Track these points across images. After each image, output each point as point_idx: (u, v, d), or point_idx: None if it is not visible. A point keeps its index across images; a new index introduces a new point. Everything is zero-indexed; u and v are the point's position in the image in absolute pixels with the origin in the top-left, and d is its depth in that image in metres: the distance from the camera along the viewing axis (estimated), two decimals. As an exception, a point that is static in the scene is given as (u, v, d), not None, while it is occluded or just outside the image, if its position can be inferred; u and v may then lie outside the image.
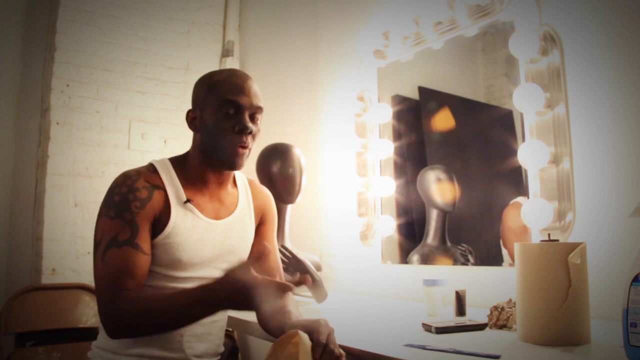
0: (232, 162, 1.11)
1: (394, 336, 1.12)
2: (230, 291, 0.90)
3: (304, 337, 0.90)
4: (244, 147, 1.11)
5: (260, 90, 1.15)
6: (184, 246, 1.09)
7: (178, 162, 1.16)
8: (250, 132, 1.10)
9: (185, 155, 1.18)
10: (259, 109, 1.13)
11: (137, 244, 1.02)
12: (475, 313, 1.30)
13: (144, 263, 1.03)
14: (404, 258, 1.84)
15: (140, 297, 0.98)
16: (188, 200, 1.11)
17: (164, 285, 1.07)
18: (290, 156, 1.72)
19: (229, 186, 1.22)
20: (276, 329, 1.09)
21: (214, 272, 1.15)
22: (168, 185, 1.10)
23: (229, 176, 1.20)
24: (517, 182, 1.48)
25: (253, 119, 1.12)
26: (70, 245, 2.29)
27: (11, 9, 2.53)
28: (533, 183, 1.40)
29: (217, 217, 1.16)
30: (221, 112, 1.09)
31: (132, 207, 1.04)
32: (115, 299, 0.97)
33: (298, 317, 1.09)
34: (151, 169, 1.12)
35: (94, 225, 1.07)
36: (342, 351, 0.94)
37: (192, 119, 1.15)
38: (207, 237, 1.13)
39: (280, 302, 1.16)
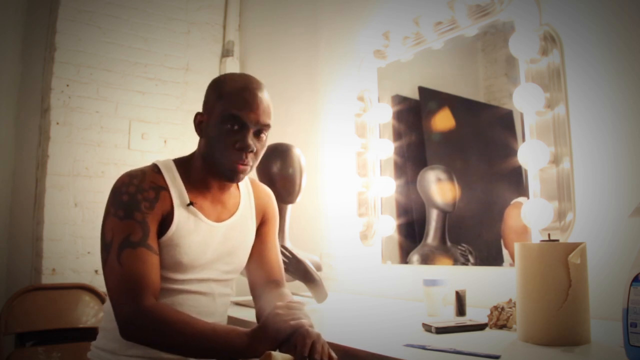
0: (231, 177, 1.10)
1: (394, 336, 1.12)
2: (260, 346, 0.91)
3: (278, 357, 0.88)
4: (244, 165, 1.08)
5: (271, 104, 1.11)
6: (185, 249, 1.08)
7: (182, 164, 1.15)
8: (252, 151, 1.08)
9: (190, 158, 1.17)
10: (265, 127, 1.09)
11: (150, 245, 1.02)
12: (475, 313, 1.30)
13: (158, 265, 1.03)
14: (404, 258, 1.84)
15: (165, 317, 0.96)
16: (191, 203, 1.10)
17: (162, 287, 1.06)
18: (290, 156, 1.72)
19: (232, 188, 1.21)
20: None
21: (214, 273, 1.15)
22: (172, 187, 1.09)
23: None
24: (517, 182, 1.48)
25: (258, 135, 1.10)
26: (70, 245, 2.29)
27: (11, 9, 2.53)
28: (533, 183, 1.40)
29: (218, 220, 1.15)
30: (225, 126, 1.07)
31: (142, 207, 1.03)
32: (139, 309, 0.96)
33: None
34: (155, 169, 1.11)
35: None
36: (333, 355, 0.91)
37: (200, 122, 1.13)
38: (209, 240, 1.13)
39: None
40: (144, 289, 0.98)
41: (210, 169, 1.13)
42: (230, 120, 1.07)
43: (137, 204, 1.03)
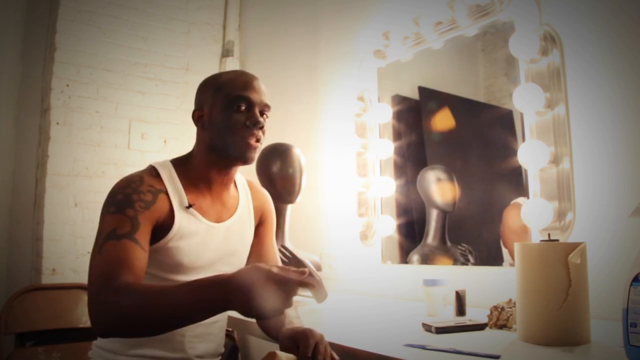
0: (245, 156, 1.10)
1: (394, 336, 1.12)
2: (230, 288, 0.79)
3: (282, 356, 0.88)
4: (257, 140, 1.11)
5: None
6: (186, 250, 1.08)
7: (180, 164, 1.15)
8: (262, 127, 1.11)
9: (188, 156, 1.17)
10: (267, 107, 1.13)
11: (136, 239, 0.97)
12: (475, 313, 1.30)
13: (143, 259, 0.97)
14: (404, 258, 1.84)
15: (134, 289, 0.87)
16: (190, 206, 1.10)
17: None
18: (290, 156, 1.72)
19: (231, 187, 1.21)
20: (273, 330, 1.08)
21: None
22: (170, 189, 1.09)
23: (233, 176, 1.19)
24: (517, 182, 1.48)
25: (261, 116, 1.12)
26: (70, 245, 2.29)
27: (11, 9, 2.53)
28: (533, 183, 1.40)
29: (218, 220, 1.15)
30: (232, 108, 1.09)
31: (135, 205, 1.01)
32: (107, 292, 0.87)
33: (293, 320, 1.07)
34: (153, 172, 1.10)
35: (94, 225, 1.02)
36: (335, 356, 0.92)
37: (199, 117, 1.14)
38: (209, 241, 1.13)
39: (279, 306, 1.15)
40: (119, 272, 0.90)
41: (218, 159, 1.13)
42: (236, 102, 1.09)
43: (131, 203, 1.01)
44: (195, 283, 0.84)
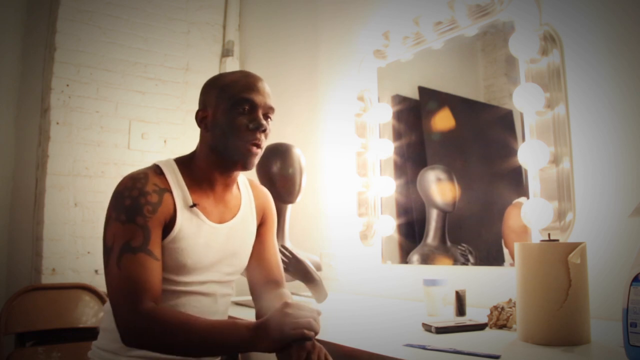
0: (245, 162, 1.10)
1: (394, 336, 1.12)
2: (260, 344, 0.92)
3: None
4: (258, 146, 1.10)
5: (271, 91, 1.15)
6: (188, 251, 1.08)
7: (184, 164, 1.14)
8: (265, 130, 1.10)
9: (192, 156, 1.16)
10: (271, 109, 1.13)
11: (150, 251, 1.00)
12: (475, 313, 1.30)
13: (159, 270, 1.01)
14: (404, 258, 1.84)
15: (164, 317, 0.96)
16: (194, 205, 1.09)
17: (165, 289, 1.06)
18: (290, 156, 1.72)
19: (233, 187, 1.21)
20: None
21: (216, 275, 1.15)
22: (174, 189, 1.08)
23: (235, 178, 1.19)
24: (517, 182, 1.48)
25: (265, 118, 1.12)
26: (70, 245, 2.29)
27: (11, 9, 2.54)
28: (533, 183, 1.40)
29: (221, 221, 1.15)
30: (235, 110, 1.08)
31: (144, 211, 1.02)
32: (137, 312, 0.95)
33: None
34: (157, 171, 1.10)
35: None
36: (327, 355, 0.93)
37: (202, 117, 1.13)
38: (212, 242, 1.12)
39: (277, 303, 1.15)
40: (142, 293, 0.97)
41: (219, 161, 1.12)
42: (240, 104, 1.08)
43: (140, 208, 1.02)
44: (223, 324, 0.97)
